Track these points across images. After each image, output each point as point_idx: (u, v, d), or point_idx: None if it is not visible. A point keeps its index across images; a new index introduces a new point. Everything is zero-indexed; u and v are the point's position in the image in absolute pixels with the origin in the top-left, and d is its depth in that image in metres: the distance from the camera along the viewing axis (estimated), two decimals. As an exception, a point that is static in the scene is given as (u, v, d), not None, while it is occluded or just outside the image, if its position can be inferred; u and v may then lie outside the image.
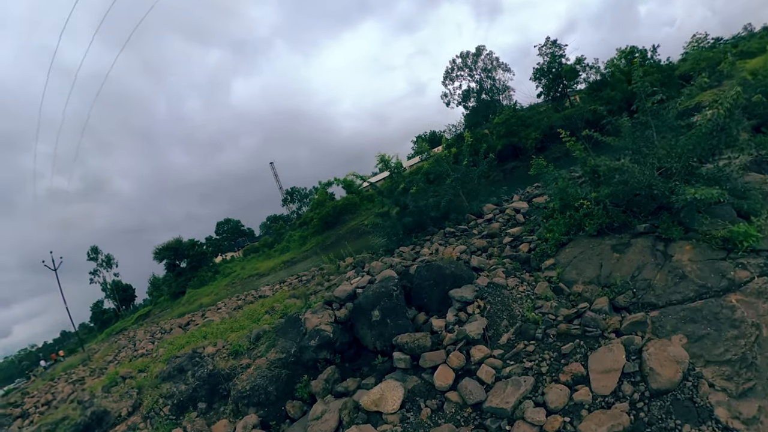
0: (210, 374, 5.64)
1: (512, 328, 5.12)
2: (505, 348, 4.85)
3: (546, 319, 5.07)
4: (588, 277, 5.89)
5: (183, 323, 18.09)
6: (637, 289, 5.42)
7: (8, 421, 13.34)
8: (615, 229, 6.38)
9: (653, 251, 5.78)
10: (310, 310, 5.83)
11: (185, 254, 37.20)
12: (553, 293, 5.75)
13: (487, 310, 5.44)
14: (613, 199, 6.35)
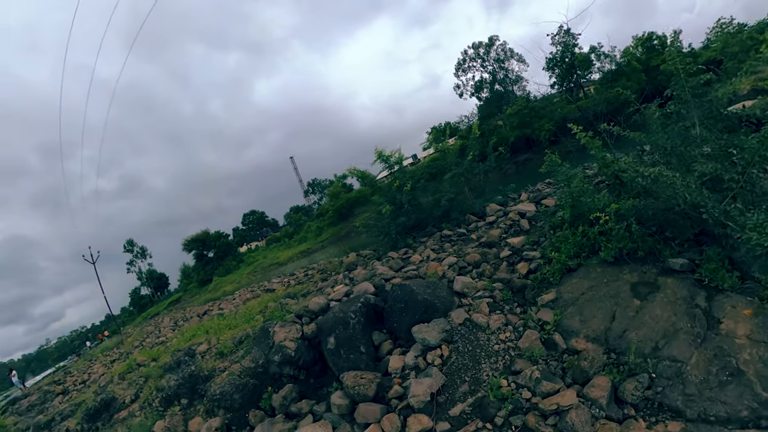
0: (191, 374, 6.01)
1: (471, 398, 3.99)
2: (454, 423, 3.80)
3: (517, 398, 3.81)
4: (594, 329, 4.31)
5: (201, 312, 19.02)
6: (660, 373, 3.63)
7: (51, 397, 14.80)
8: (639, 258, 4.79)
9: (690, 306, 3.99)
10: (280, 323, 5.92)
11: (212, 245, 38.96)
12: (544, 348, 4.35)
13: (450, 362, 4.44)
14: (640, 215, 4.79)
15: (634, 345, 3.89)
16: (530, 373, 3.90)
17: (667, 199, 4.38)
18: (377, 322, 5.38)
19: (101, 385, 10.66)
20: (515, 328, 4.74)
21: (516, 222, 7.99)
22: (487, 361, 4.31)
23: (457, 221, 9.88)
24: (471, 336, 4.63)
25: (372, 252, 11.04)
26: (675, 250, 4.66)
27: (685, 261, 4.42)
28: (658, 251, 4.69)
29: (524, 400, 3.76)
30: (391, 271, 7.30)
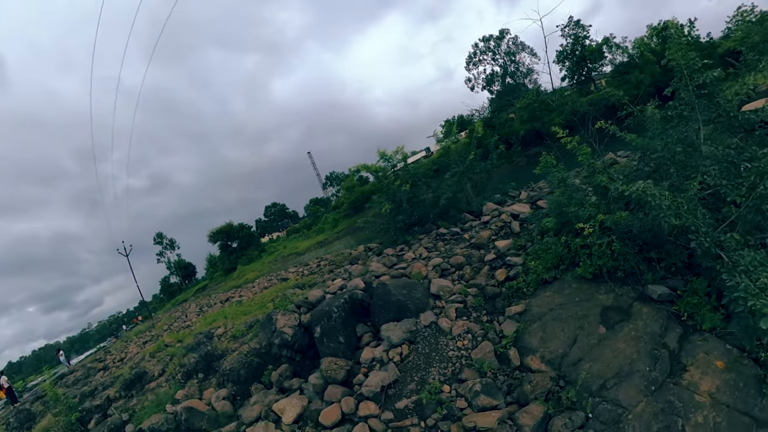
0: (207, 353, 6.88)
1: (414, 396, 4.14)
2: (397, 415, 4.04)
3: (451, 406, 3.86)
4: (551, 351, 4.06)
5: (224, 299, 20.23)
6: (597, 415, 3.31)
7: (94, 372, 16.50)
8: (619, 278, 4.40)
9: (656, 346, 3.60)
10: (282, 312, 6.59)
11: (236, 236, 40.62)
12: (497, 362, 4.26)
13: (407, 361, 4.67)
14: (626, 230, 4.28)
15: (582, 378, 3.61)
16: (472, 385, 3.93)
17: (656, 221, 3.71)
18: (363, 315, 5.95)
19: (135, 361, 11.92)
20: (474, 336, 4.68)
21: (507, 224, 7.80)
22: (438, 365, 4.41)
23: (454, 219, 9.86)
24: (432, 339, 4.79)
25: (379, 245, 11.45)
26: (659, 275, 4.18)
27: (665, 290, 3.98)
28: (640, 272, 4.26)
29: (458, 409, 3.82)
30: (384, 268, 7.71)
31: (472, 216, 9.74)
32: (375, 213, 12.48)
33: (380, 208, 11.19)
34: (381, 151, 11.92)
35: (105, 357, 20.29)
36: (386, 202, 10.88)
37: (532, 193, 10.03)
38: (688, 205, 3.51)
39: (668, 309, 3.91)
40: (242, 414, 4.75)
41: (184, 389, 6.44)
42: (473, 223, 9.13)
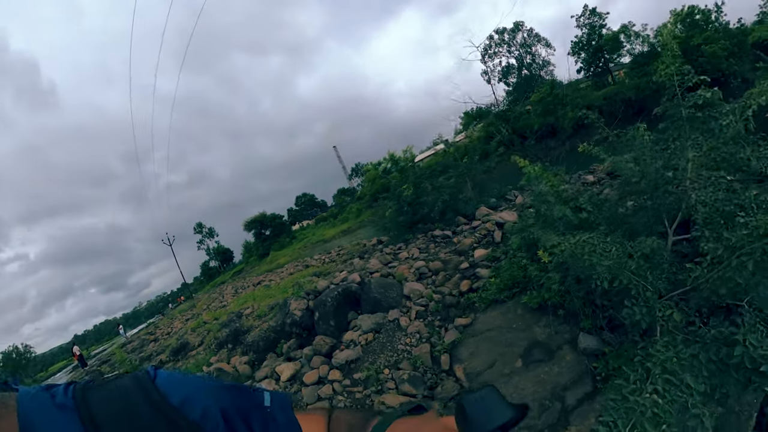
0: (236, 329, 8.39)
1: (364, 372, 4.95)
2: (351, 383, 4.92)
3: (383, 385, 4.59)
4: (472, 367, 4.31)
5: (256, 282, 22.18)
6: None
7: (147, 343, 19.00)
8: (560, 315, 4.23)
9: (557, 396, 3.54)
10: (294, 298, 7.86)
11: (269, 225, 43.25)
12: (431, 362, 4.74)
13: (370, 345, 5.53)
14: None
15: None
16: (403, 374, 4.58)
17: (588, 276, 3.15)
18: (356, 305, 7.01)
19: (180, 334, 13.88)
20: (421, 337, 5.25)
21: (491, 232, 7.79)
22: (387, 353, 5.17)
23: (450, 222, 10.29)
24: (391, 332, 5.56)
25: (387, 239, 12.21)
26: (599, 323, 3.76)
27: (594, 344, 3.72)
28: (582, 317, 3.92)
29: (387, 388, 4.58)
30: (380, 265, 8.67)
31: (466, 219, 10.00)
32: (380, 212, 13.36)
33: (385, 209, 11.99)
34: (390, 153, 12.91)
35: (155, 331, 23.10)
36: (390, 204, 11.71)
37: (528, 198, 9.34)
38: (636, 264, 2.93)
39: (590, 363, 3.64)
40: (256, 374, 6.16)
41: (216, 356, 8.01)
42: (465, 227, 9.34)
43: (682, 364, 2.35)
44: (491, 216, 9.01)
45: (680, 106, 3.71)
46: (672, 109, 3.81)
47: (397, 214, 11.30)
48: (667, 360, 2.35)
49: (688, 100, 3.66)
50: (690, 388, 2.22)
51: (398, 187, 11.80)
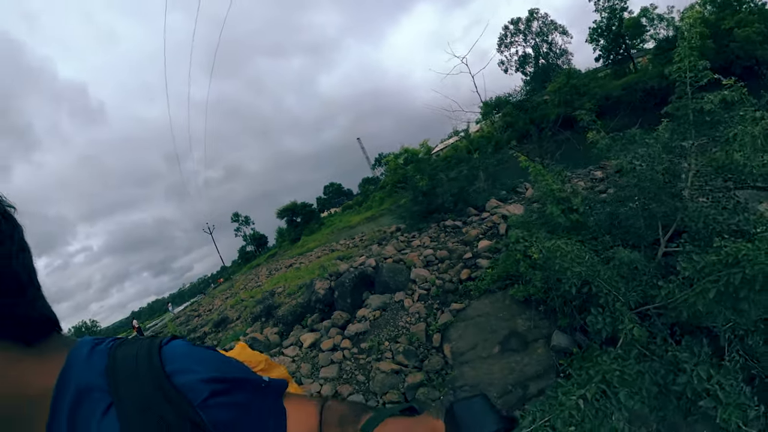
0: (269, 305, 9.26)
1: (368, 343, 5.46)
2: (358, 351, 5.48)
3: (382, 355, 5.06)
4: (458, 347, 4.58)
5: (288, 264, 23.33)
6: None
7: (192, 318, 20.64)
8: (541, 311, 4.28)
9: (520, 384, 3.74)
10: (319, 279, 8.56)
11: (299, 212, 45.08)
12: (425, 339, 5.08)
13: (376, 321, 6.03)
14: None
15: (453, 374, 4.17)
16: (399, 347, 5.07)
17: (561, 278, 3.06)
18: (370, 286, 7.59)
19: (220, 310, 15.15)
20: (420, 317, 5.63)
21: (496, 225, 7.86)
22: (389, 328, 5.66)
23: (461, 212, 10.27)
24: (395, 311, 6.02)
25: (405, 226, 12.39)
26: (576, 323, 3.69)
27: (565, 343, 3.73)
28: (558, 316, 3.93)
29: (385, 358, 5.06)
30: (394, 251, 9.08)
31: (476, 211, 10.07)
32: (399, 201, 13.81)
33: (401, 200, 12.27)
34: (404, 147, 13.16)
35: (198, 308, 24.92)
36: (405, 195, 12.00)
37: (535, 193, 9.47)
38: (609, 274, 2.80)
39: (557, 360, 3.68)
40: (284, 342, 6.97)
41: (251, 327, 8.96)
42: (474, 218, 9.43)
43: (625, 378, 2.19)
44: (499, 209, 9.11)
45: (688, 107, 3.23)
46: (681, 109, 3.32)
47: (412, 204, 11.52)
48: (609, 371, 2.18)
49: (696, 102, 3.15)
50: (620, 403, 2.07)
51: (414, 179, 11.99)
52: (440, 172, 12.18)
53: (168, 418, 0.59)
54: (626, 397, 2.09)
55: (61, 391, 0.58)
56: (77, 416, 0.58)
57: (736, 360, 2.20)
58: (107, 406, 0.59)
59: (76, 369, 0.60)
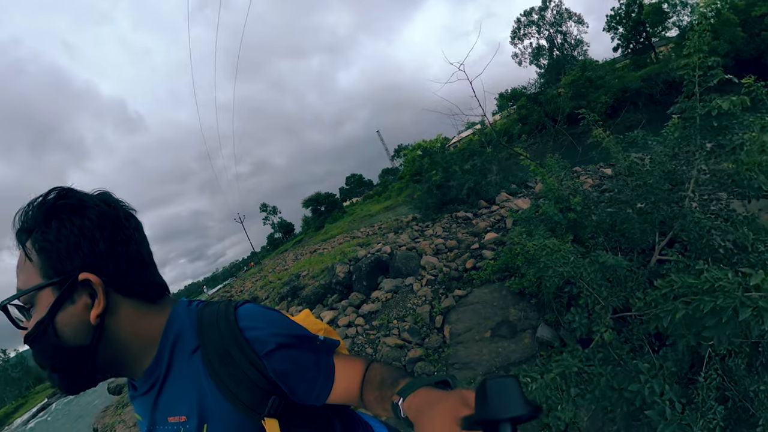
0: (294, 286, 9.87)
1: (379, 320, 5.81)
2: (369, 327, 5.82)
3: (389, 331, 5.38)
4: (456, 328, 4.78)
5: (313, 250, 23.99)
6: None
7: (225, 298, 21.78)
8: (533, 304, 4.29)
9: (503, 368, 3.86)
10: (339, 263, 8.94)
11: (323, 202, 46.22)
12: (428, 320, 5.30)
13: (387, 302, 6.36)
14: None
15: (449, 351, 4.35)
16: (404, 325, 5.37)
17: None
18: (385, 271, 7.91)
19: (250, 291, 16.00)
20: (426, 300, 5.84)
21: (504, 218, 7.87)
22: (398, 309, 5.93)
23: (473, 204, 10.36)
24: (404, 294, 6.33)
25: (421, 216, 12.55)
26: (561, 320, 3.60)
27: (548, 336, 3.73)
28: (551, 310, 3.89)
29: (392, 334, 5.36)
30: (408, 239, 9.38)
31: (486, 203, 10.17)
32: (415, 193, 13.77)
33: (414, 192, 12.37)
34: (419, 141, 13.31)
35: (230, 290, 26.16)
36: (420, 187, 12.17)
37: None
38: (592, 277, 2.64)
39: (539, 351, 3.71)
40: (306, 319, 7.54)
41: (278, 306, 9.61)
42: (484, 210, 9.50)
43: (582, 377, 2.17)
44: (508, 202, 9.20)
45: (694, 109, 2.80)
46: (688, 111, 2.89)
47: (427, 196, 11.71)
48: (569, 367, 2.16)
49: (704, 104, 2.72)
50: (570, 397, 2.07)
51: (428, 172, 12.21)
52: (454, 164, 12.24)
53: (240, 363, 0.71)
54: (576, 392, 2.08)
55: (166, 334, 0.75)
56: (175, 351, 0.75)
57: (713, 378, 2.04)
58: (195, 348, 0.74)
59: (176, 319, 0.77)
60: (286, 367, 0.74)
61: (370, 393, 0.76)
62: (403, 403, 0.63)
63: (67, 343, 0.68)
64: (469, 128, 13.98)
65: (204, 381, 0.71)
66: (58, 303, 0.67)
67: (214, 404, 0.70)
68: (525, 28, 33.25)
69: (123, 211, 0.76)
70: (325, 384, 0.78)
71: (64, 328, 0.67)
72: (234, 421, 0.70)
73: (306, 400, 0.76)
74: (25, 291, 0.68)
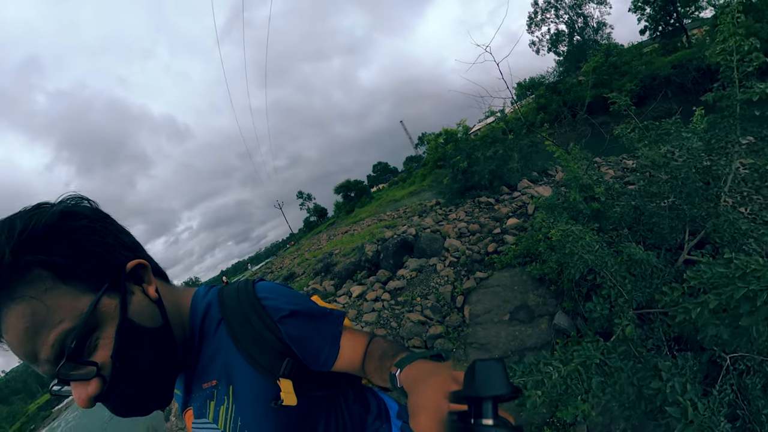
0: (328, 263, 10.09)
1: (404, 296, 5.78)
2: (395, 302, 5.80)
3: (413, 307, 5.35)
4: (475, 309, 4.62)
5: (344, 231, 24.35)
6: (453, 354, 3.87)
7: (266, 274, 22.62)
8: (552, 290, 4.00)
9: (518, 353, 3.69)
10: (368, 242, 9.04)
11: (353, 189, 47.07)
12: (450, 299, 5.19)
13: (412, 280, 6.29)
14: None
15: (468, 331, 4.25)
16: (427, 303, 5.31)
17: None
18: (410, 250, 7.85)
19: (289, 268, 16.54)
20: (448, 279, 5.72)
21: (525, 204, 7.58)
22: (422, 287, 5.88)
23: (496, 190, 10.13)
24: (428, 273, 6.23)
25: (444, 200, 12.40)
26: (579, 310, 3.36)
27: (565, 325, 3.47)
28: (565, 298, 3.68)
29: (415, 310, 5.31)
30: (432, 222, 9.22)
31: (508, 189, 9.82)
32: (438, 179, 13.77)
33: (443, 177, 12.07)
34: (444, 129, 13.04)
35: (271, 266, 27.28)
36: (446, 172, 11.89)
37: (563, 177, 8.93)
38: (617, 268, 2.41)
39: (555, 338, 3.47)
40: (338, 292, 7.64)
41: (313, 281, 9.83)
42: (506, 196, 9.32)
43: (603, 370, 1.99)
44: (529, 189, 8.94)
45: (733, 97, 2.34)
46: (725, 99, 2.42)
47: (452, 182, 11.48)
48: (590, 358, 1.97)
49: (744, 91, 2.27)
50: (591, 389, 1.89)
51: (453, 158, 11.78)
52: (477, 151, 11.77)
53: (259, 329, 0.74)
54: (597, 385, 1.91)
55: (194, 310, 0.79)
56: (204, 325, 0.78)
57: (727, 393, 1.84)
58: (219, 320, 0.77)
59: (200, 298, 0.81)
60: (298, 333, 0.76)
61: (370, 364, 0.77)
62: (400, 374, 0.63)
63: (152, 327, 0.65)
64: (492, 116, 13.34)
65: (228, 348, 0.74)
66: (124, 300, 0.61)
67: (237, 367, 0.73)
68: (542, 13, 29.22)
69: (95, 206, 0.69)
70: (332, 351, 0.79)
71: (140, 318, 0.63)
72: (254, 382, 0.72)
73: (314, 365, 0.78)
74: (86, 315, 0.54)
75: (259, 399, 0.71)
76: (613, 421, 2.49)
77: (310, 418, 0.76)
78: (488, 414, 0.41)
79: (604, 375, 2.00)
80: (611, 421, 2.52)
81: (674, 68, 18.37)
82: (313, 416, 0.77)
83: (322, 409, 0.80)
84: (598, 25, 27.92)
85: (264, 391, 0.72)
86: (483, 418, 0.41)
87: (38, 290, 0.52)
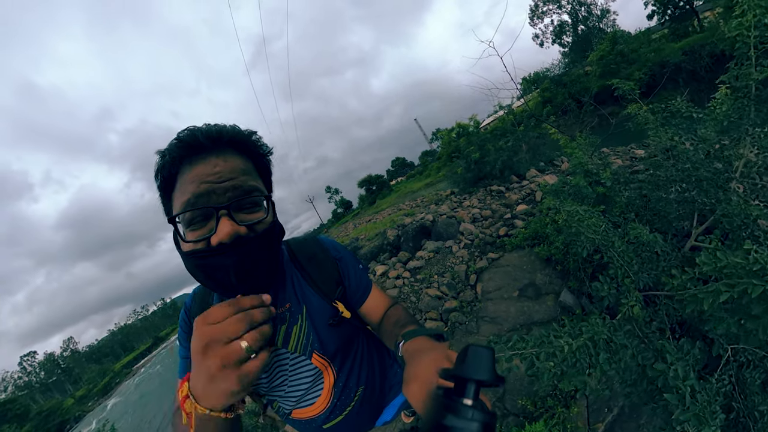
0: (354, 247, 10.15)
1: (422, 274, 5.81)
2: (415, 279, 5.77)
3: (430, 284, 5.29)
4: (487, 286, 4.58)
5: (367, 220, 24.41)
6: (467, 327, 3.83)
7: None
8: (558, 271, 3.83)
9: (525, 326, 3.59)
10: (390, 228, 9.03)
11: (374, 182, 47.22)
12: (464, 277, 5.06)
13: (429, 260, 6.29)
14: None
15: (480, 306, 4.18)
16: (443, 280, 5.33)
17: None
18: (428, 235, 7.77)
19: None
20: (462, 260, 5.75)
21: (533, 192, 7.55)
22: (438, 266, 5.83)
23: (506, 179, 9.83)
24: (444, 254, 6.11)
25: (458, 190, 12.06)
26: (584, 289, 3.23)
27: (570, 303, 3.31)
28: (575, 278, 3.44)
29: (433, 286, 5.32)
30: (447, 209, 9.07)
31: (518, 178, 9.57)
32: (452, 170, 13.16)
33: (457, 168, 11.76)
34: (458, 123, 12.69)
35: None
36: (460, 163, 11.52)
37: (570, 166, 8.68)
38: (624, 249, 2.20)
39: (560, 315, 3.36)
40: (364, 271, 7.73)
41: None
42: (516, 185, 9.05)
43: (609, 347, 1.80)
44: (537, 178, 8.75)
45: (749, 78, 1.95)
46: (741, 78, 2.01)
47: (465, 172, 11.24)
48: (598, 333, 1.77)
49: (761, 70, 1.89)
50: (598, 363, 1.68)
51: (466, 150, 11.55)
52: (488, 143, 11.43)
53: (322, 261, 0.86)
54: (605, 360, 1.74)
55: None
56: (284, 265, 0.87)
57: (724, 383, 1.71)
58: (287, 260, 0.87)
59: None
60: (346, 272, 0.89)
61: (386, 325, 0.83)
62: (404, 345, 0.66)
63: (279, 234, 0.74)
64: (500, 110, 12.80)
65: (297, 279, 0.84)
66: (274, 209, 0.73)
67: (306, 292, 0.83)
68: (544, 4, 25.95)
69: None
70: (364, 295, 0.90)
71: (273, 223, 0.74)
72: (318, 304, 0.82)
73: (351, 300, 0.88)
74: (267, 194, 0.72)
75: (324, 318, 0.82)
76: (612, 397, 2.40)
77: (355, 336, 0.91)
78: (470, 395, 0.41)
79: (609, 351, 1.87)
80: (610, 398, 2.43)
81: (685, 54, 15.60)
82: (356, 335, 0.91)
83: (360, 332, 0.94)
84: (602, 12, 24.62)
85: (325, 312, 0.82)
86: (464, 398, 0.41)
87: (255, 164, 0.74)
